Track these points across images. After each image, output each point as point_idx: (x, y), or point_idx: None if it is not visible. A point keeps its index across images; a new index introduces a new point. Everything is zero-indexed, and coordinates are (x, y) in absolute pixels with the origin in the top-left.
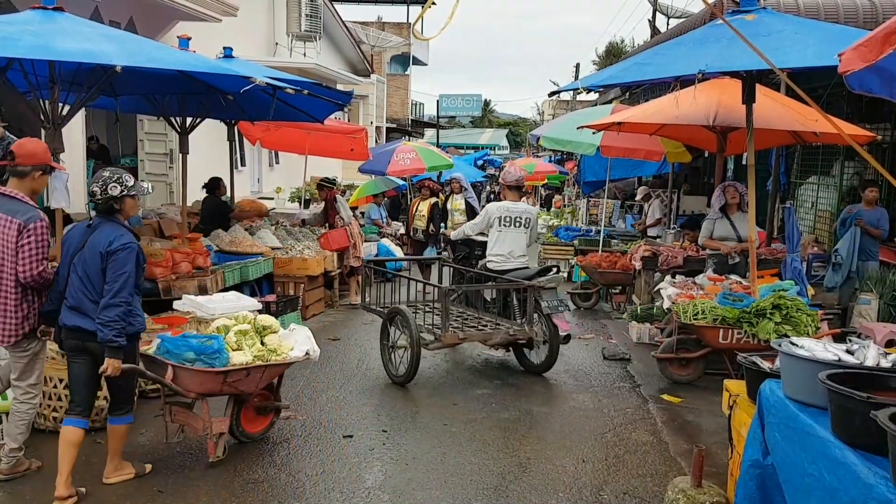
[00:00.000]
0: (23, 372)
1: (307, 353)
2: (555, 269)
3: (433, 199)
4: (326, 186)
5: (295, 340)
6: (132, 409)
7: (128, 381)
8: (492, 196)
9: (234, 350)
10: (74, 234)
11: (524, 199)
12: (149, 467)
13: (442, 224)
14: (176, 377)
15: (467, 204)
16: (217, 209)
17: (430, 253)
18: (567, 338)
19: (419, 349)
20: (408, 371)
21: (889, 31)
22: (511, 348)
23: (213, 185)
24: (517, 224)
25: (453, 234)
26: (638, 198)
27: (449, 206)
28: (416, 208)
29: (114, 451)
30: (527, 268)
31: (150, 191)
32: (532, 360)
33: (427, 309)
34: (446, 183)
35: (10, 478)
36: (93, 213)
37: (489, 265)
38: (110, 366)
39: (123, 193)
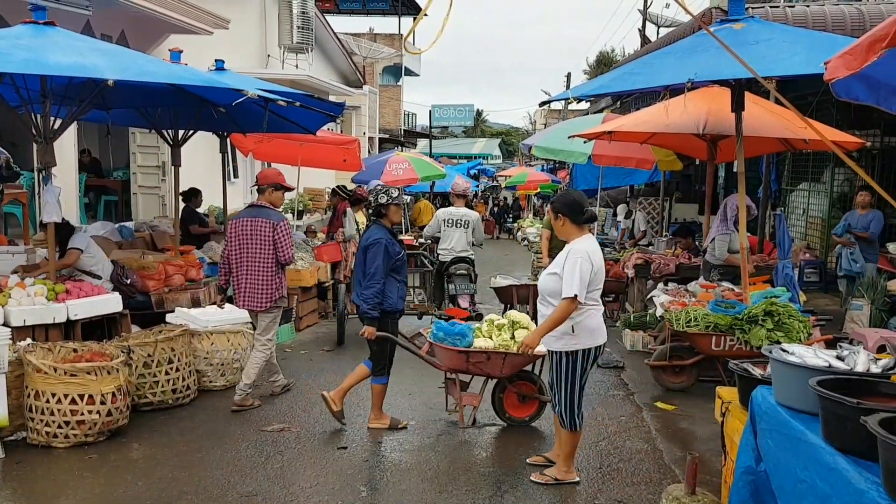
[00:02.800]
0: (265, 330)
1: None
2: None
3: None
4: (340, 194)
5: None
6: (385, 372)
7: (382, 348)
8: (494, 208)
9: (483, 337)
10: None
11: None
12: (405, 422)
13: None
14: (432, 352)
15: None
16: (186, 219)
17: None
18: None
19: (341, 316)
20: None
21: (873, 39)
22: None
23: (187, 196)
24: (458, 225)
25: (422, 237)
26: (620, 217)
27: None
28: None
29: (374, 404)
30: (465, 259)
31: (406, 201)
32: None
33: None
34: (369, 192)
35: (238, 409)
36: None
37: (439, 257)
38: (367, 331)
39: (388, 202)
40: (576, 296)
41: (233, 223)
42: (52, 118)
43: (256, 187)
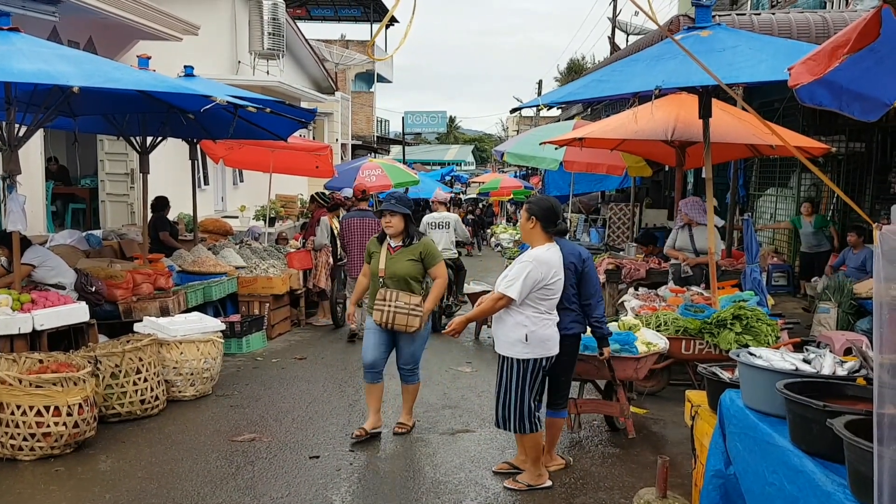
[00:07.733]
0: None
1: (664, 345)
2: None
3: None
4: (317, 201)
5: (652, 335)
6: (566, 405)
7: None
8: (469, 216)
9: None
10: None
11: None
12: (569, 460)
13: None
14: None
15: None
16: (156, 226)
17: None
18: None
19: (332, 301)
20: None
21: (836, 44)
22: None
23: (157, 205)
24: (440, 227)
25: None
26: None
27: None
28: (331, 225)
29: (550, 441)
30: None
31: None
32: None
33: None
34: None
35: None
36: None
37: None
38: (607, 352)
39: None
40: (512, 298)
41: (347, 220)
42: (17, 125)
43: (360, 197)
